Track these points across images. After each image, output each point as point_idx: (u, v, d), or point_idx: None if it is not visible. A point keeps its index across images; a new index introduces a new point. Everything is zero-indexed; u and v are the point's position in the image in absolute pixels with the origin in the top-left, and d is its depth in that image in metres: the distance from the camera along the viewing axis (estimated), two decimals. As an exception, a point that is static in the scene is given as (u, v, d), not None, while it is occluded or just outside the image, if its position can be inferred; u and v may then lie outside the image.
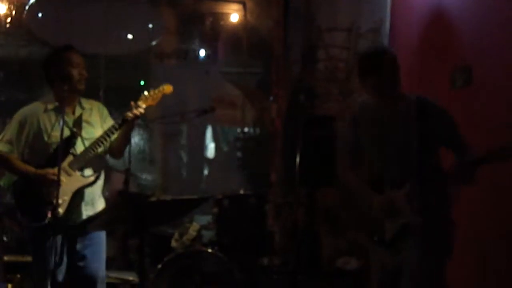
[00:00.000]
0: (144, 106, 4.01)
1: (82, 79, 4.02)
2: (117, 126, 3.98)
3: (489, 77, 4.27)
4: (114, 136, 4.02)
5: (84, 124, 4.08)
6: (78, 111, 4.10)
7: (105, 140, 3.98)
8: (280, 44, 6.77)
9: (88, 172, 4.03)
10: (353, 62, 6.11)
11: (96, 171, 4.06)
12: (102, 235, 4.13)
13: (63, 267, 3.97)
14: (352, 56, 6.13)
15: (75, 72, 3.97)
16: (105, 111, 4.25)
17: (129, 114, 3.96)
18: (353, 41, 6.16)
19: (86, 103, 4.17)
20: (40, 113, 4.05)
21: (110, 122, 4.17)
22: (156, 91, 4.09)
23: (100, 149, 4.01)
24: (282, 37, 6.75)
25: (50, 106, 4.07)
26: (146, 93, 4.07)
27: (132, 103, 4.01)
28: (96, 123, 4.15)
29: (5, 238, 4.86)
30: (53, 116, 4.05)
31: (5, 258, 4.69)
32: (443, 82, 4.64)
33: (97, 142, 3.97)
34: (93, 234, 4.06)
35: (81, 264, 4.03)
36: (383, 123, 3.52)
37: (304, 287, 4.72)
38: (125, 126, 4.00)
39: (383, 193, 3.45)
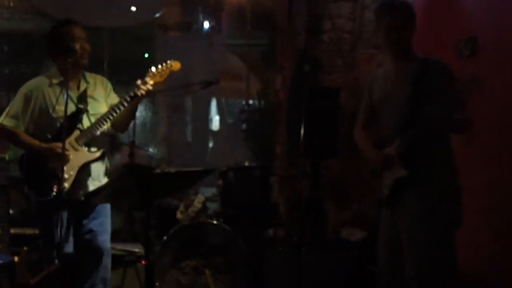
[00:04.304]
0: (151, 82, 3.98)
1: (84, 53, 4.00)
2: (124, 103, 3.96)
3: (495, 48, 4.26)
4: (121, 111, 4.00)
5: (89, 100, 4.07)
6: (82, 86, 4.10)
7: (112, 116, 3.96)
8: (285, 15, 6.72)
9: (94, 147, 4.03)
10: (358, 34, 6.08)
11: (102, 147, 4.06)
12: (107, 208, 4.15)
13: (70, 240, 4.00)
14: (357, 27, 6.08)
15: (77, 46, 3.94)
16: (109, 85, 4.24)
17: (137, 92, 3.93)
18: (359, 12, 6.11)
19: (90, 77, 4.16)
20: (45, 87, 4.05)
21: (114, 96, 4.16)
22: (164, 67, 4.04)
23: (106, 125, 4.00)
24: (286, 8, 6.69)
25: (54, 81, 4.07)
26: (153, 69, 4.02)
27: (139, 80, 3.98)
28: (101, 97, 4.14)
29: (11, 211, 4.88)
30: (58, 90, 4.04)
31: (12, 230, 4.71)
32: (450, 53, 4.63)
33: (104, 117, 3.96)
34: (99, 207, 4.08)
35: (87, 237, 4.05)
36: (391, 83, 3.60)
37: (309, 259, 4.73)
38: (132, 102, 3.98)
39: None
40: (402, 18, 3.49)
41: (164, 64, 4.06)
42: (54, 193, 3.81)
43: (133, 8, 7.05)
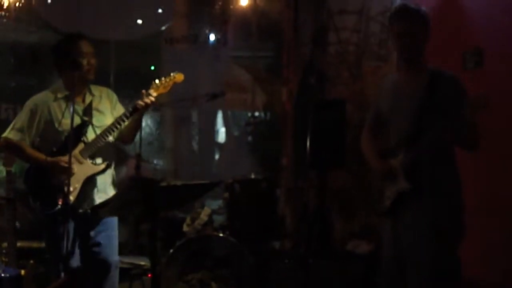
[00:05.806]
0: (155, 94, 3.99)
1: (91, 68, 4.02)
2: (128, 114, 3.98)
3: (501, 60, 4.26)
4: (124, 124, 4.02)
5: (94, 112, 4.09)
6: (88, 99, 4.11)
7: (116, 128, 3.99)
8: (291, 27, 6.74)
9: (99, 160, 4.04)
10: (363, 46, 6.08)
11: (107, 159, 4.07)
12: (114, 221, 4.16)
13: (77, 253, 4.00)
14: (363, 39, 6.09)
15: (84, 62, 3.96)
16: (115, 97, 4.26)
17: (140, 103, 3.95)
18: (364, 24, 6.12)
19: (96, 89, 4.18)
20: (50, 101, 4.07)
21: (120, 108, 4.18)
22: (168, 79, 4.05)
23: (110, 137, 4.02)
24: (292, 20, 6.71)
25: (60, 95, 4.09)
26: (157, 81, 4.04)
27: (143, 91, 4.00)
28: (106, 110, 4.15)
29: (17, 224, 4.89)
30: (63, 104, 4.06)
31: (18, 244, 4.71)
32: (455, 63, 4.63)
33: (108, 130, 3.98)
34: (106, 220, 4.08)
35: (95, 250, 4.06)
36: (400, 93, 3.56)
37: (315, 271, 4.72)
38: (136, 114, 4.00)
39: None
40: (414, 24, 3.46)
41: (167, 76, 4.08)
42: (59, 206, 3.83)
43: (139, 21, 7.09)
